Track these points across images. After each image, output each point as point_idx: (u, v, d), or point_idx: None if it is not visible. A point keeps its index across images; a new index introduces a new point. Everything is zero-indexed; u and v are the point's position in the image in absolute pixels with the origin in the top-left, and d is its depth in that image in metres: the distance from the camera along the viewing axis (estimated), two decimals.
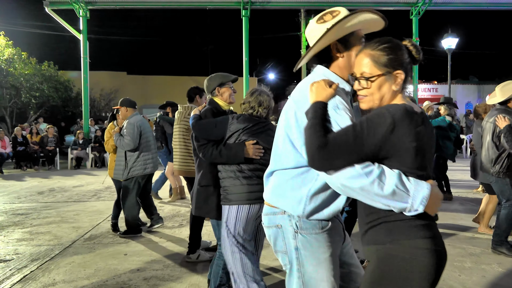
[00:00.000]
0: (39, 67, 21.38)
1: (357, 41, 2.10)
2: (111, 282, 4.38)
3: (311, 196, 2.03)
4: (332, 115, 1.89)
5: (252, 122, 3.40)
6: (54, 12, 17.98)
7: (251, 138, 3.36)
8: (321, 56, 2.13)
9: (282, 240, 2.15)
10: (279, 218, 2.13)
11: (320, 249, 2.08)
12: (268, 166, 2.28)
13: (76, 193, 9.98)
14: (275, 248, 2.23)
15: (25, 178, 13.03)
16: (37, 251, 5.41)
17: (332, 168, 1.77)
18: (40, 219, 7.28)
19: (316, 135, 1.78)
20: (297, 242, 2.09)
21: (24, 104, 21.17)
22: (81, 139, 16.04)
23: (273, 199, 2.16)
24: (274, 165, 2.19)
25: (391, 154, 1.74)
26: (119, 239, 5.94)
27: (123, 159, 5.95)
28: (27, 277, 4.52)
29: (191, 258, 4.99)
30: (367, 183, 1.70)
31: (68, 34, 19.59)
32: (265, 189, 2.26)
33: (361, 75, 1.90)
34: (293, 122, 2.05)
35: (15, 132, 15.86)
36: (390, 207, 1.73)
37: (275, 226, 2.16)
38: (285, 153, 2.10)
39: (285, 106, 2.21)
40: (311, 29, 2.13)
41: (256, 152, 3.34)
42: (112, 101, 28.77)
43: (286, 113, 2.14)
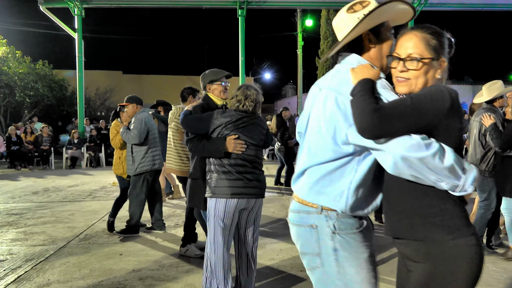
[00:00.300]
0: (34, 66, 21.31)
1: (388, 32, 2.08)
2: (106, 282, 4.36)
3: (353, 189, 1.93)
4: (382, 92, 1.83)
5: (236, 117, 3.46)
6: (48, 10, 17.89)
7: (233, 132, 3.41)
8: (353, 46, 2.08)
9: (316, 241, 2.02)
10: (315, 217, 2.01)
11: (359, 249, 1.99)
12: (299, 161, 2.17)
13: (71, 193, 9.94)
14: (303, 249, 2.10)
15: (19, 177, 12.96)
16: (31, 251, 5.37)
17: (387, 134, 1.69)
18: (35, 219, 7.24)
19: (368, 101, 1.71)
20: (335, 243, 1.98)
21: (18, 103, 21.09)
22: (76, 138, 15.96)
23: (310, 197, 2.03)
24: (307, 162, 2.07)
25: (441, 132, 1.71)
26: (114, 239, 5.91)
27: (130, 154, 5.98)
28: (22, 278, 4.49)
29: (181, 251, 5.16)
30: (429, 154, 1.64)
31: (63, 33, 19.52)
32: (297, 186, 2.12)
33: (408, 56, 1.86)
34: (334, 108, 1.93)
35: (9, 132, 15.75)
36: (441, 183, 1.68)
37: (309, 226, 2.03)
38: (321, 146, 1.99)
39: (310, 100, 2.17)
40: (340, 18, 2.08)
41: (237, 147, 3.39)
42: (107, 100, 28.76)
43: (319, 105, 2.04)
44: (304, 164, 2.09)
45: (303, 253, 2.11)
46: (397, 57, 1.91)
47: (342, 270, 1.98)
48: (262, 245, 5.51)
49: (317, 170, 2.01)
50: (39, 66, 21.66)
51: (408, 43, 1.88)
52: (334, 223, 1.97)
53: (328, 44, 31.08)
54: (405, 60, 1.87)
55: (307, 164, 2.06)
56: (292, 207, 2.14)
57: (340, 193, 1.94)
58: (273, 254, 5.15)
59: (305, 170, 2.07)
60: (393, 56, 1.95)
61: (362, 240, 2.00)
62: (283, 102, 39.11)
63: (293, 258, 5.01)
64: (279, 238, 5.86)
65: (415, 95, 1.74)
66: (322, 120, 1.99)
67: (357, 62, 2.03)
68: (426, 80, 1.86)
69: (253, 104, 3.49)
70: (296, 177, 2.14)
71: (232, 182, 3.39)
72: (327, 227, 1.98)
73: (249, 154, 3.44)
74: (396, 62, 1.92)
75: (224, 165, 3.43)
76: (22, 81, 20.26)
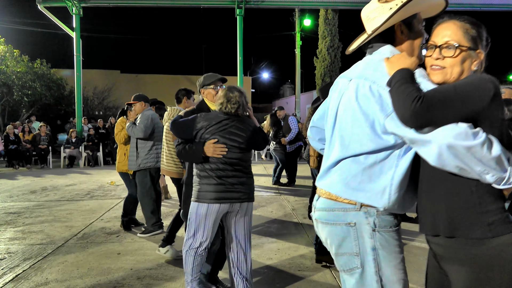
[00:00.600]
0: (32, 65, 21.27)
1: (419, 24, 2.03)
2: (104, 281, 4.37)
3: (395, 184, 1.84)
4: (422, 81, 1.76)
5: (217, 120, 3.41)
6: (47, 9, 17.89)
7: (213, 136, 3.36)
8: (384, 37, 2.02)
9: (355, 239, 1.91)
10: (352, 215, 1.90)
11: (396, 248, 1.92)
12: (326, 159, 2.06)
13: (69, 192, 9.94)
14: (339, 249, 1.97)
15: (17, 176, 12.95)
16: (29, 250, 5.38)
17: (431, 122, 1.60)
18: (33, 218, 7.24)
19: (409, 90, 1.64)
20: (374, 241, 1.88)
21: (16, 102, 21.04)
22: (74, 137, 15.95)
23: (347, 193, 1.91)
24: (339, 154, 1.95)
25: (484, 122, 1.64)
26: (112, 238, 5.92)
27: (134, 149, 5.99)
28: (20, 276, 4.49)
29: (160, 251, 5.11)
30: (477, 143, 1.56)
31: (61, 32, 19.51)
32: (327, 181, 2.00)
33: (445, 43, 1.81)
34: (369, 97, 1.85)
35: (7, 131, 15.74)
36: (487, 175, 1.61)
37: (346, 224, 1.92)
38: (358, 136, 1.89)
39: (337, 93, 2.10)
40: (372, 8, 2.02)
41: (216, 151, 3.33)
42: (105, 100, 28.68)
43: (351, 95, 1.95)
44: (335, 156, 1.98)
45: (339, 253, 1.98)
46: (433, 44, 1.85)
47: (381, 271, 1.90)
48: (260, 245, 5.53)
49: (353, 164, 1.91)
50: (37, 65, 21.62)
51: (446, 31, 1.83)
52: (375, 220, 1.89)
53: (326, 44, 31.07)
54: (442, 47, 1.82)
55: (340, 156, 1.95)
56: (322, 205, 2.02)
57: (382, 190, 1.86)
58: (270, 254, 5.16)
59: (337, 162, 1.97)
60: (428, 44, 1.89)
61: (398, 239, 1.94)
62: (281, 102, 39.16)
63: (291, 257, 5.02)
64: (277, 238, 5.87)
65: (458, 83, 1.69)
66: (357, 110, 1.90)
67: (391, 52, 1.97)
68: (462, 69, 1.80)
69: (235, 106, 3.41)
70: (325, 171, 2.03)
71: (213, 187, 3.34)
72: (367, 224, 1.89)
73: (231, 157, 3.37)
74: (431, 50, 1.86)
75: (206, 169, 3.38)
76: (20, 80, 20.23)
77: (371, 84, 1.87)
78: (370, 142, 1.85)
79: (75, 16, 18.06)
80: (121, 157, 6.39)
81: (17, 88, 20.25)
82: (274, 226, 6.58)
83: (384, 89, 1.80)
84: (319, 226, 2.05)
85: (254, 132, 3.52)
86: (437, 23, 1.89)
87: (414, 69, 1.80)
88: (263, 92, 51.44)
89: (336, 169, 1.97)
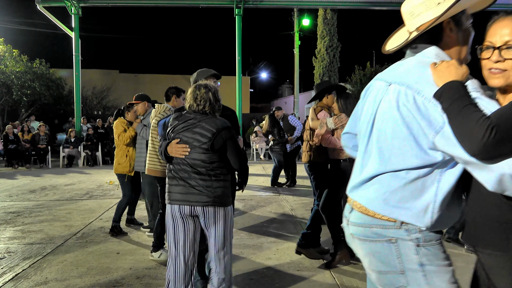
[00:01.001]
0: (31, 65, 21.24)
1: (467, 20, 1.85)
2: (103, 280, 4.38)
3: (439, 202, 1.67)
4: (480, 99, 1.56)
5: (183, 119, 3.28)
6: (45, 9, 17.87)
7: (177, 136, 3.25)
8: (432, 35, 1.81)
9: (397, 257, 1.74)
10: (393, 232, 1.74)
11: (445, 261, 1.74)
12: (361, 169, 1.89)
13: (68, 192, 9.95)
14: (382, 267, 1.80)
15: (16, 176, 12.95)
16: (29, 250, 5.39)
17: (503, 155, 1.44)
18: (32, 217, 7.26)
19: (475, 114, 1.45)
20: (420, 257, 1.71)
21: (15, 102, 21.02)
22: (73, 137, 15.95)
23: (386, 210, 1.73)
24: (378, 168, 1.78)
25: None
26: (111, 238, 5.93)
27: (144, 151, 5.77)
28: (19, 276, 4.51)
29: (153, 256, 5.04)
30: None
31: (60, 32, 19.50)
32: (363, 193, 1.83)
33: (505, 44, 1.64)
34: (413, 110, 1.65)
35: (6, 130, 15.75)
36: None
37: (386, 241, 1.75)
38: (399, 151, 1.70)
39: (372, 97, 1.91)
40: (417, 3, 1.82)
41: (178, 151, 3.20)
42: (104, 99, 28.68)
43: (391, 103, 1.75)
44: (373, 170, 1.80)
45: (381, 272, 1.81)
46: (491, 46, 1.68)
47: (432, 286, 1.73)
48: (259, 245, 5.55)
49: (393, 179, 1.73)
50: (36, 65, 21.59)
51: (505, 29, 1.66)
52: (417, 235, 1.72)
53: (325, 43, 31.08)
54: (501, 48, 1.65)
55: (379, 170, 1.77)
56: (359, 220, 1.84)
57: (424, 208, 1.68)
58: (269, 254, 5.18)
59: (374, 177, 1.79)
60: (484, 45, 1.72)
61: (445, 251, 1.77)
62: (280, 102, 39.14)
63: (290, 257, 5.04)
64: (276, 238, 5.89)
65: None
66: (399, 121, 1.70)
67: (435, 55, 1.76)
68: None
69: (202, 104, 3.23)
70: (359, 184, 1.86)
71: (174, 187, 3.23)
72: (410, 240, 1.72)
73: (194, 158, 3.17)
74: (488, 52, 1.69)
75: (171, 170, 3.28)
76: (19, 80, 20.19)
77: (415, 94, 1.66)
78: (414, 158, 1.67)
79: (74, 16, 18.04)
80: (122, 159, 6.22)
81: (16, 88, 20.23)
82: (273, 226, 6.61)
83: (430, 102, 1.61)
84: (355, 242, 1.90)
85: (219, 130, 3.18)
86: (492, 21, 1.73)
87: (465, 79, 1.62)
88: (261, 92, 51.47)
89: (373, 183, 1.80)
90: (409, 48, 1.90)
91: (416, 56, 1.82)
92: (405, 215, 1.70)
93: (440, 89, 1.57)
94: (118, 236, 6.00)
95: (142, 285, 4.25)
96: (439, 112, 1.57)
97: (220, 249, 3.25)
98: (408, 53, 1.91)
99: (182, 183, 3.19)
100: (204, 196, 3.15)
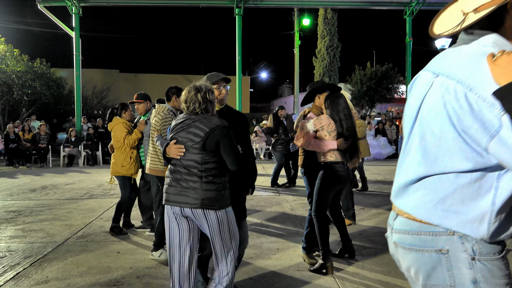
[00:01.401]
0: (31, 64, 21.27)
1: None
2: (104, 280, 4.40)
3: (496, 211, 1.44)
4: None
5: (180, 120, 3.31)
6: (46, 9, 17.92)
7: (174, 136, 3.27)
8: (492, 19, 1.50)
9: (448, 270, 1.53)
10: (444, 240, 1.52)
11: (502, 281, 1.49)
12: (400, 169, 1.70)
13: (68, 191, 9.97)
14: (428, 280, 1.59)
15: (17, 175, 12.98)
16: (30, 249, 5.41)
17: None
18: (33, 216, 7.28)
19: None
20: (475, 272, 1.49)
21: (16, 101, 21.05)
22: (73, 136, 15.98)
23: (435, 217, 1.52)
24: (423, 168, 1.56)
25: None
26: (111, 237, 5.95)
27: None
28: (20, 275, 4.53)
29: (153, 255, 5.06)
30: None
31: (60, 32, 19.59)
32: (408, 200, 1.62)
33: None
34: (464, 108, 1.40)
35: (7, 129, 15.79)
36: None
37: (436, 251, 1.53)
38: (448, 152, 1.48)
39: (417, 90, 1.64)
40: None
41: (175, 152, 3.21)
42: (104, 99, 28.73)
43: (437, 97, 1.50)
44: (417, 172, 1.59)
45: (428, 286, 1.60)
46: None
47: None
48: (259, 245, 5.56)
49: (441, 183, 1.52)
50: (36, 64, 21.62)
51: None
52: (473, 246, 1.49)
53: (325, 43, 31.10)
54: None
55: (424, 173, 1.56)
56: (404, 226, 1.63)
57: (479, 217, 1.47)
58: (269, 254, 5.19)
59: (420, 179, 1.58)
60: None
61: (505, 268, 1.52)
62: (280, 102, 39.17)
63: (290, 257, 5.05)
64: (276, 238, 5.91)
65: None
66: (447, 120, 1.47)
67: (494, 44, 1.48)
68: None
69: (193, 106, 3.22)
70: (403, 187, 1.65)
71: (169, 188, 3.25)
72: (464, 251, 1.50)
73: (187, 159, 3.17)
74: None
75: (169, 170, 3.32)
76: (20, 80, 20.22)
77: (466, 91, 1.40)
78: (465, 161, 1.45)
79: (74, 15, 18.09)
80: (126, 161, 6.08)
81: (17, 87, 20.25)
82: (273, 226, 6.62)
83: (485, 101, 1.35)
84: (399, 252, 1.68)
85: (211, 131, 3.14)
86: None
87: None
88: (261, 92, 51.52)
89: (418, 188, 1.59)
90: (465, 33, 1.58)
91: (471, 44, 1.53)
92: (456, 224, 1.49)
93: (505, 88, 1.32)
94: (118, 235, 6.01)
95: (142, 285, 4.27)
96: (495, 113, 1.33)
97: (219, 252, 3.26)
98: (462, 38, 1.60)
99: (174, 184, 3.21)
100: (191, 198, 3.13)
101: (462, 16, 1.55)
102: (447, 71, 1.49)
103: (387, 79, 27.55)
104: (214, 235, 3.21)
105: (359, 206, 7.82)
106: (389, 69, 27.61)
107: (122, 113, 6.23)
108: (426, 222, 1.54)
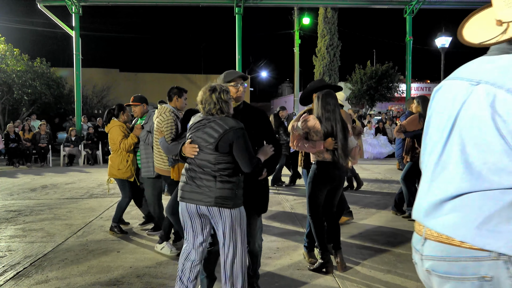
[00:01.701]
0: (31, 64, 21.27)
1: None
2: (104, 279, 4.40)
3: None
4: None
5: (196, 119, 3.36)
6: (46, 8, 17.93)
7: (190, 136, 3.34)
8: None
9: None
10: (488, 265, 1.35)
11: None
12: (431, 185, 1.54)
13: (68, 190, 9.97)
14: None
15: (17, 175, 12.98)
16: (30, 248, 5.41)
17: None
18: (33, 216, 7.28)
19: None
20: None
21: (16, 101, 21.05)
22: (73, 136, 15.99)
23: (478, 238, 1.36)
24: (465, 183, 1.41)
25: None
26: (111, 237, 5.95)
27: (151, 155, 5.62)
28: (20, 274, 4.53)
29: (157, 248, 5.27)
30: None
31: (60, 31, 19.59)
32: (444, 220, 1.45)
33: None
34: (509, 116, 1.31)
35: (7, 129, 15.79)
36: None
37: (478, 278, 1.37)
38: (495, 166, 1.35)
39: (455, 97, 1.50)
40: None
41: (190, 151, 3.27)
42: (104, 98, 28.72)
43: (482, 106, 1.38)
44: (455, 188, 1.43)
45: None
46: None
47: None
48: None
49: (486, 200, 1.37)
50: (36, 64, 21.63)
51: None
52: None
53: (325, 42, 31.10)
54: None
55: (466, 189, 1.41)
56: (440, 252, 1.46)
57: None
58: (269, 253, 5.19)
59: (456, 196, 1.43)
60: None
61: None
62: (280, 101, 39.18)
63: (290, 257, 5.05)
64: (276, 237, 5.90)
65: None
66: (494, 132, 1.35)
67: None
68: None
69: (208, 106, 3.25)
70: (437, 204, 1.48)
71: (183, 185, 3.33)
72: (509, 277, 1.33)
73: (201, 159, 3.24)
74: None
75: (185, 168, 3.38)
76: (20, 79, 20.21)
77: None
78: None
79: (74, 15, 18.08)
80: (122, 164, 6.06)
81: (17, 87, 20.25)
82: (273, 225, 6.62)
83: None
84: (433, 280, 1.50)
85: (224, 132, 3.18)
86: None
87: None
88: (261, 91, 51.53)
89: (456, 205, 1.43)
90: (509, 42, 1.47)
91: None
92: (504, 245, 1.33)
93: None
94: (118, 235, 6.01)
95: (143, 284, 4.27)
96: None
97: (228, 251, 3.28)
98: (500, 47, 1.50)
99: (190, 182, 3.29)
100: (206, 196, 3.20)
101: (501, 25, 1.45)
102: (492, 79, 1.38)
103: (387, 78, 27.57)
104: (225, 234, 3.26)
105: (358, 205, 7.83)
106: (389, 68, 27.63)
107: (119, 114, 6.18)
108: (468, 245, 1.38)
